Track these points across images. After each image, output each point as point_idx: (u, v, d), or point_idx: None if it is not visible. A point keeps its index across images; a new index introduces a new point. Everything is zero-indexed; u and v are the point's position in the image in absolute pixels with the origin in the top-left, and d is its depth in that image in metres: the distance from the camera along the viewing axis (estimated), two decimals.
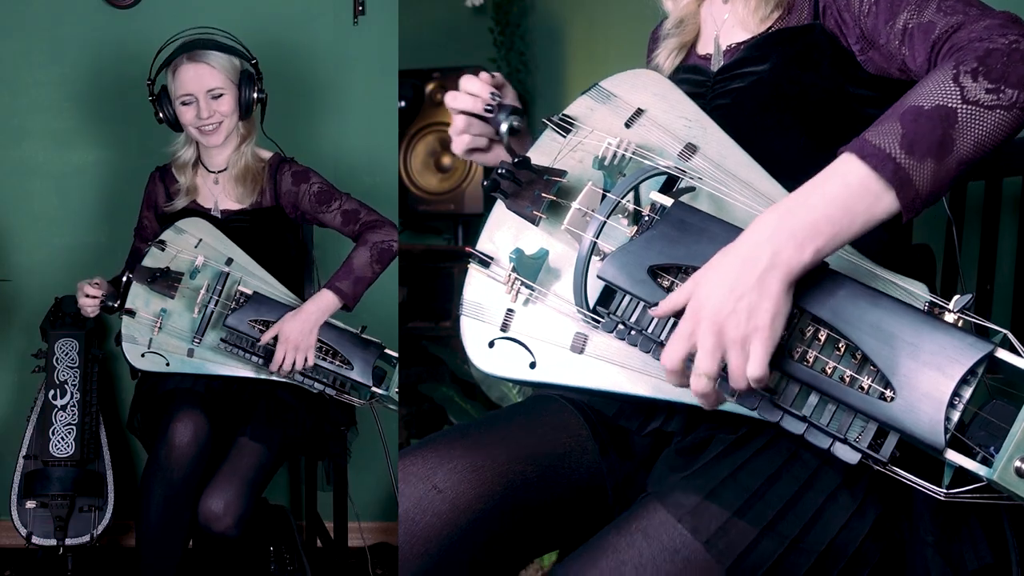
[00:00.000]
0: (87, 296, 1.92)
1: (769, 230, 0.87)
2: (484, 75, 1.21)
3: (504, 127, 1.18)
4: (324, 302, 1.90)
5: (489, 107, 1.18)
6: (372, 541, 2.49)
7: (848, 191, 0.87)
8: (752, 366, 0.86)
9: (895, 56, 1.06)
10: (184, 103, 1.96)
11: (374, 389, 1.92)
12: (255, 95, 2.01)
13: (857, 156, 0.87)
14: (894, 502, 0.99)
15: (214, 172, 2.07)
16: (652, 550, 0.95)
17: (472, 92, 1.19)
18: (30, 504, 2.18)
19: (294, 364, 1.86)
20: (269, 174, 2.05)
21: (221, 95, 1.96)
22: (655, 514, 0.98)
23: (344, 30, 2.50)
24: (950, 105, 0.87)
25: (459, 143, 1.23)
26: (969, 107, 0.87)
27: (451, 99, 1.20)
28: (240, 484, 1.79)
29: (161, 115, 2.01)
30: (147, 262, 1.91)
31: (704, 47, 1.29)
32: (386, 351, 1.94)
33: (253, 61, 2.03)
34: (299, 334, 1.86)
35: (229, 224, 2.02)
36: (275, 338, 1.86)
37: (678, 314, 0.92)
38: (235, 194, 2.04)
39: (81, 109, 2.48)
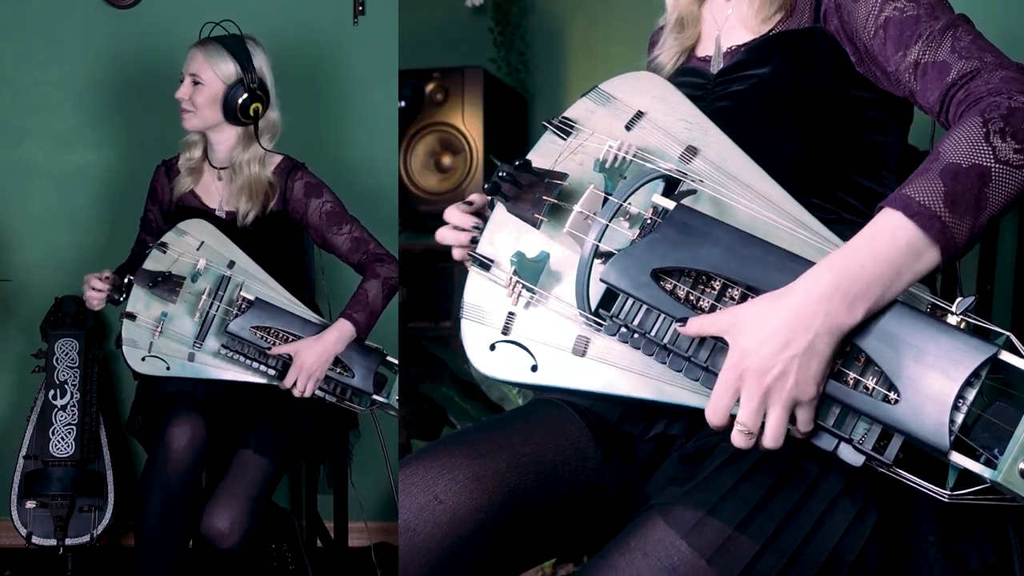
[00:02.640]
0: (94, 289, 1.92)
1: (825, 290, 0.87)
2: (462, 205, 1.24)
3: None
4: (344, 333, 1.90)
5: (475, 239, 1.20)
6: (372, 541, 2.49)
7: (897, 250, 0.88)
8: (802, 425, 0.90)
9: (902, 84, 1.07)
10: (180, 81, 2.00)
11: (375, 396, 1.92)
12: (239, 102, 1.98)
13: (903, 213, 0.88)
14: (895, 503, 0.99)
15: (217, 168, 2.07)
16: (651, 568, 0.95)
17: (456, 225, 1.23)
18: (30, 504, 2.18)
19: (304, 391, 1.87)
20: (279, 178, 2.04)
21: (198, 83, 1.98)
22: (655, 530, 0.98)
23: (344, 30, 2.50)
24: (985, 164, 0.89)
25: (459, 256, 1.26)
26: (1001, 167, 0.89)
27: (440, 237, 1.24)
28: (245, 500, 1.78)
29: None
30: (148, 265, 1.91)
31: (704, 49, 1.29)
32: (387, 358, 1.94)
33: (248, 67, 2.00)
34: (315, 362, 1.86)
35: (233, 226, 2.02)
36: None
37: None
38: (237, 202, 2.03)
39: (81, 109, 2.49)
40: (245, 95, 1.98)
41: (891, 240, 0.88)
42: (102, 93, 2.48)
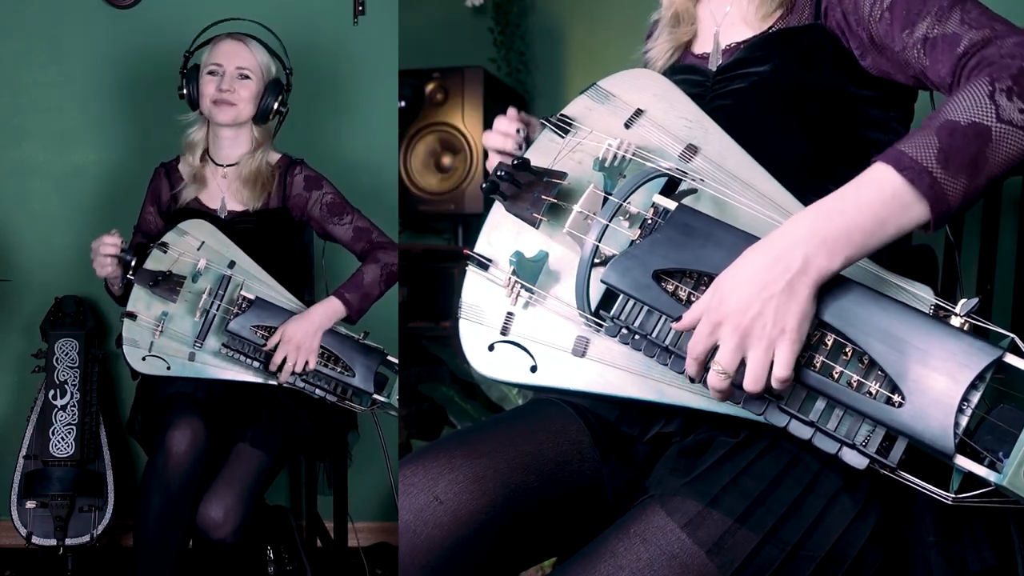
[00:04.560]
0: (107, 244, 1.87)
1: (803, 234, 0.88)
2: (512, 112, 1.25)
3: None
4: (331, 309, 1.90)
5: (520, 144, 1.21)
6: (372, 541, 2.49)
7: (882, 200, 0.88)
8: (779, 368, 0.88)
9: (911, 64, 1.06)
10: (211, 72, 1.99)
11: (375, 396, 1.92)
12: (275, 105, 2.02)
13: (894, 167, 0.88)
14: (896, 504, 0.98)
15: (222, 166, 2.06)
16: (650, 554, 0.95)
17: (502, 131, 1.23)
18: (30, 504, 2.18)
19: (294, 367, 1.86)
20: (279, 176, 2.05)
21: (247, 77, 1.99)
22: (654, 518, 0.98)
23: (344, 30, 2.50)
24: (985, 123, 0.89)
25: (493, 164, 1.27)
26: (1003, 126, 0.89)
27: (486, 139, 1.25)
28: (240, 491, 1.78)
29: (184, 91, 2.02)
30: (149, 265, 1.90)
31: (701, 46, 1.29)
32: (388, 358, 1.94)
33: (289, 72, 2.06)
34: (302, 336, 1.86)
35: (234, 225, 2.02)
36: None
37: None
38: (242, 196, 2.03)
39: (81, 109, 2.48)
40: (281, 96, 2.02)
41: (877, 190, 0.88)
42: (102, 93, 2.48)
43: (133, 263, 1.89)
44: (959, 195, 0.88)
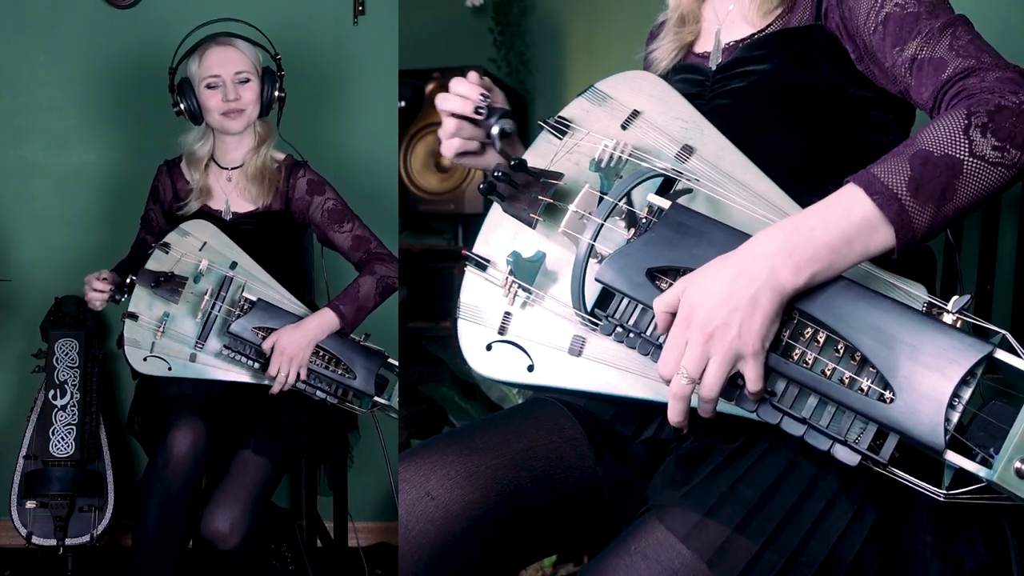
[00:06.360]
0: (95, 291, 1.91)
1: (771, 247, 0.89)
2: (473, 75, 1.20)
3: (495, 130, 1.18)
4: (326, 321, 1.90)
5: (480, 110, 1.18)
6: (372, 541, 2.49)
7: (849, 221, 0.89)
8: (751, 384, 0.90)
9: (899, 80, 1.06)
10: (210, 86, 1.97)
11: (376, 398, 1.92)
12: (275, 93, 2.02)
13: (864, 190, 0.89)
14: (892, 503, 0.99)
15: (227, 169, 2.06)
16: (651, 571, 0.95)
17: (462, 94, 1.18)
18: (30, 504, 2.18)
19: (285, 379, 1.86)
20: (284, 176, 2.05)
21: (248, 80, 1.97)
22: (654, 533, 0.97)
23: (344, 30, 2.50)
24: (958, 156, 0.89)
25: (449, 146, 1.22)
26: (975, 161, 0.89)
27: (441, 101, 1.20)
28: (245, 501, 1.77)
29: (182, 105, 1.99)
30: (151, 265, 1.90)
31: (703, 45, 1.29)
32: (389, 360, 1.94)
33: (277, 57, 2.05)
34: (295, 348, 1.86)
35: (237, 227, 2.02)
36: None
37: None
38: (250, 194, 2.03)
39: (81, 109, 2.49)
40: (277, 81, 2.02)
41: (846, 212, 0.89)
42: (102, 93, 2.48)
43: (124, 299, 1.91)
44: (925, 224, 0.89)
